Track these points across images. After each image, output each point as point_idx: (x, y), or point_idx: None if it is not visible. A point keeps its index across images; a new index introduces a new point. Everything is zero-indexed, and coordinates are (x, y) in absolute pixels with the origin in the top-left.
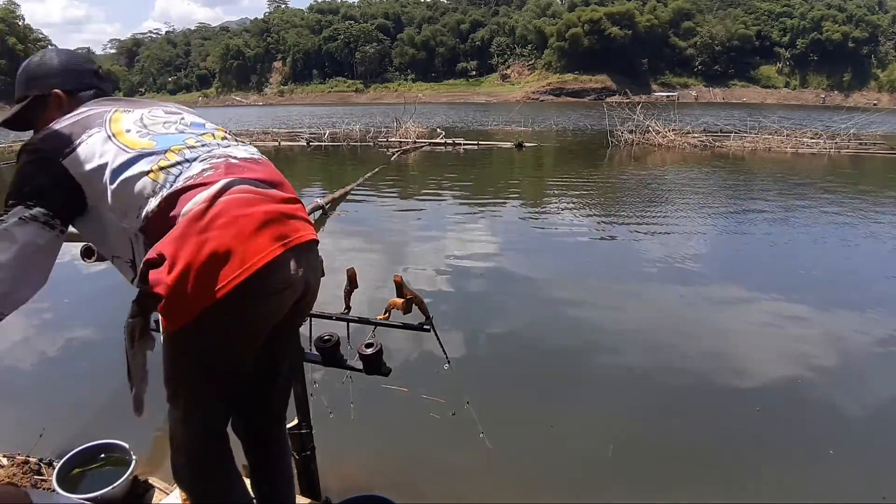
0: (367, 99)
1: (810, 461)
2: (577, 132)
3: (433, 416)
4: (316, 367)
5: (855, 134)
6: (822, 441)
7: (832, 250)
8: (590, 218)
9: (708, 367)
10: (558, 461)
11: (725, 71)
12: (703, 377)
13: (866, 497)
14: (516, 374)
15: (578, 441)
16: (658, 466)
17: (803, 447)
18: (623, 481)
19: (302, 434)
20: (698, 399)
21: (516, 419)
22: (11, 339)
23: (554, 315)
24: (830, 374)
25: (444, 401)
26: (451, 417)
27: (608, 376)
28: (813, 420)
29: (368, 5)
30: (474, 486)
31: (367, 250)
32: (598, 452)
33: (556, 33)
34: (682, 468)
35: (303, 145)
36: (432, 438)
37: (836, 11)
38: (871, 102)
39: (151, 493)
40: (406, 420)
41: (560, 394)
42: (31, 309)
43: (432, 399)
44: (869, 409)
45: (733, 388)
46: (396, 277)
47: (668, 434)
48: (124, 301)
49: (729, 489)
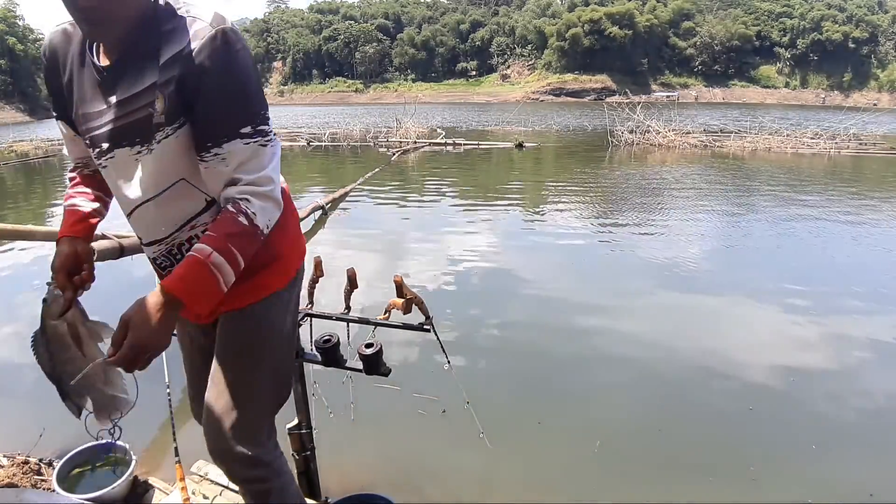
0: (367, 99)
1: (798, 460)
2: (578, 132)
3: (421, 412)
4: (316, 367)
5: (855, 134)
6: (811, 440)
7: (832, 250)
8: (590, 218)
9: (705, 366)
10: (558, 461)
11: (725, 71)
12: (701, 377)
13: (854, 496)
14: (516, 374)
15: (578, 441)
16: (658, 466)
17: (792, 446)
18: (623, 481)
19: (302, 434)
20: (697, 400)
21: (516, 419)
22: (11, 338)
23: (554, 315)
24: (825, 372)
25: (437, 398)
26: (450, 417)
27: (608, 377)
28: (801, 419)
29: (368, 5)
30: (474, 486)
31: (367, 250)
32: (597, 452)
33: (556, 33)
34: (682, 468)
35: (303, 145)
36: (432, 438)
37: (836, 11)
38: (871, 102)
39: (151, 493)
40: (406, 420)
41: (560, 394)
42: (31, 308)
43: (423, 396)
44: (858, 408)
45: (729, 387)
46: (396, 278)
47: (668, 434)
48: (125, 300)
49: (720, 488)
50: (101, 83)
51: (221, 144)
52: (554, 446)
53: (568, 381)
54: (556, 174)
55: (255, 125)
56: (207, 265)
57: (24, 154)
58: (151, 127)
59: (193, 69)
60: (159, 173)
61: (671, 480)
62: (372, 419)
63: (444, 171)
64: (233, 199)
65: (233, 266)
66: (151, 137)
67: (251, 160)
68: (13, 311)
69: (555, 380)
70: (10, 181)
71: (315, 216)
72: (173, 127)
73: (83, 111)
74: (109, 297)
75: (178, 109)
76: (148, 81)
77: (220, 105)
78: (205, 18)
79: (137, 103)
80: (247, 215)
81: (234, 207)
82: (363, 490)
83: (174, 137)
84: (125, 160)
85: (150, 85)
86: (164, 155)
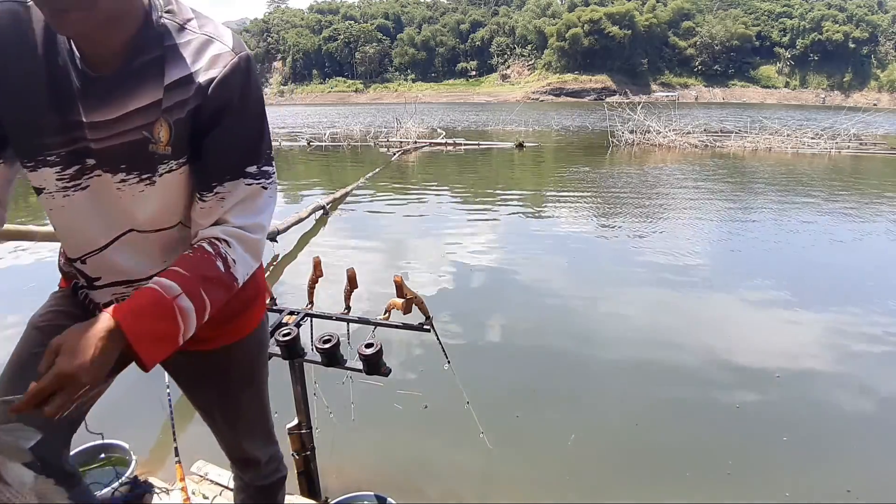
0: (367, 99)
1: (777, 458)
2: (578, 132)
3: (421, 412)
4: (316, 368)
5: (855, 134)
6: (789, 437)
7: (832, 250)
8: (590, 218)
9: (704, 366)
10: (558, 461)
11: (725, 71)
12: (701, 377)
13: (833, 496)
14: (517, 374)
15: (578, 441)
16: (659, 466)
17: (768, 445)
18: (623, 481)
19: (302, 434)
20: (697, 401)
21: (516, 419)
22: (12, 338)
23: (554, 316)
24: (814, 372)
25: (437, 398)
26: (450, 417)
27: (608, 377)
28: (784, 416)
29: (368, 5)
30: (474, 486)
31: (368, 250)
32: (597, 452)
33: (556, 33)
34: (681, 467)
35: (303, 145)
36: (432, 438)
37: (836, 11)
38: (871, 102)
39: (151, 493)
40: (406, 420)
41: (560, 394)
42: (32, 308)
43: (424, 397)
44: (843, 405)
45: (726, 386)
46: (396, 278)
47: (668, 435)
48: None
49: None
50: (85, 91)
51: (224, 183)
52: (554, 446)
53: (568, 381)
54: (556, 174)
55: (260, 165)
56: (173, 308)
57: None
58: (146, 154)
59: (214, 102)
60: (159, 211)
61: (672, 481)
62: (372, 419)
63: (444, 171)
64: (213, 238)
65: (198, 316)
66: (146, 167)
67: (247, 202)
68: (13, 311)
69: (555, 380)
70: None
71: (316, 216)
72: (179, 161)
73: (42, 120)
74: None
75: (186, 142)
76: (146, 100)
77: (237, 142)
78: (226, 42)
79: (130, 123)
80: (225, 261)
81: (212, 248)
82: (363, 490)
83: (178, 173)
84: (104, 188)
85: (149, 104)
86: (164, 191)
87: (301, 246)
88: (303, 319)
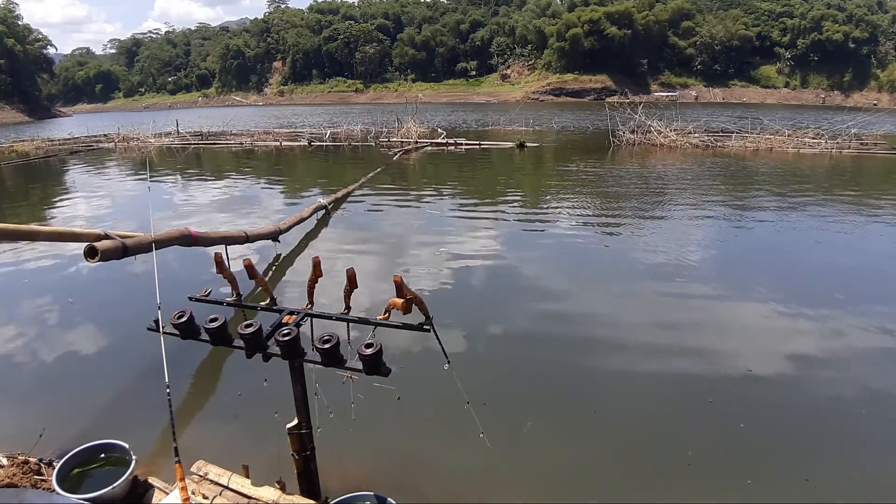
0: (366, 99)
1: (747, 451)
2: (578, 132)
3: (421, 412)
4: (316, 367)
5: (856, 134)
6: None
7: (832, 250)
8: (591, 218)
9: (703, 366)
10: (557, 461)
11: (725, 71)
12: (701, 377)
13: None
14: (516, 374)
15: (577, 441)
16: (656, 465)
17: (743, 439)
18: (623, 481)
19: (302, 434)
20: (697, 401)
21: (516, 419)
22: (12, 338)
23: (553, 316)
24: (814, 370)
25: (436, 398)
26: (450, 417)
27: (607, 377)
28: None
29: (368, 5)
30: (474, 486)
31: (368, 250)
32: (596, 452)
33: (556, 33)
34: (680, 467)
35: (304, 145)
36: (432, 438)
37: (836, 11)
38: (871, 102)
39: (151, 493)
40: (406, 420)
41: (560, 394)
42: (32, 308)
43: (423, 397)
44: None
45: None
46: (396, 278)
47: (667, 434)
48: (127, 301)
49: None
50: None
51: None
52: (554, 446)
53: (568, 381)
54: (557, 174)
55: None
56: None
57: (24, 154)
58: None
59: None
60: None
61: (674, 480)
62: (372, 419)
63: (445, 171)
64: None
65: None
66: None
67: None
68: (13, 312)
69: (555, 380)
70: (10, 181)
71: (318, 216)
72: None
73: None
74: (108, 302)
75: None
76: None
77: None
78: None
79: None
80: None
81: None
82: (363, 490)
83: None
84: None
85: None
86: None
87: (303, 246)
88: (303, 319)
